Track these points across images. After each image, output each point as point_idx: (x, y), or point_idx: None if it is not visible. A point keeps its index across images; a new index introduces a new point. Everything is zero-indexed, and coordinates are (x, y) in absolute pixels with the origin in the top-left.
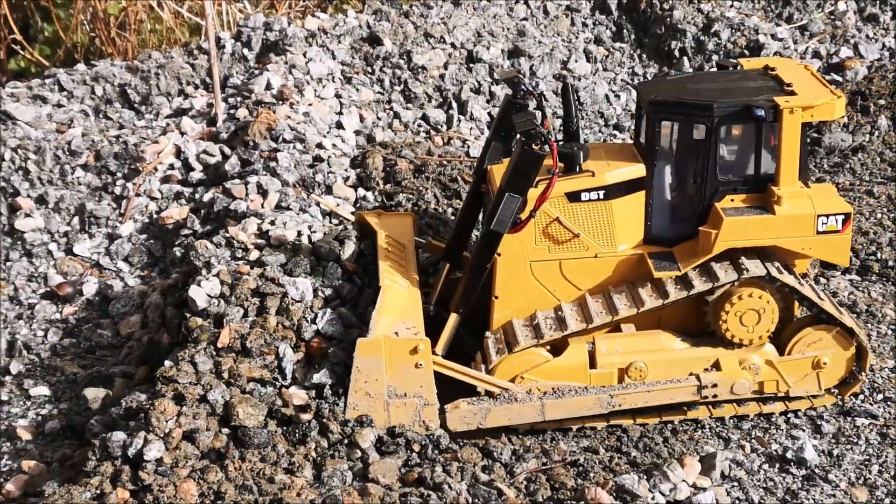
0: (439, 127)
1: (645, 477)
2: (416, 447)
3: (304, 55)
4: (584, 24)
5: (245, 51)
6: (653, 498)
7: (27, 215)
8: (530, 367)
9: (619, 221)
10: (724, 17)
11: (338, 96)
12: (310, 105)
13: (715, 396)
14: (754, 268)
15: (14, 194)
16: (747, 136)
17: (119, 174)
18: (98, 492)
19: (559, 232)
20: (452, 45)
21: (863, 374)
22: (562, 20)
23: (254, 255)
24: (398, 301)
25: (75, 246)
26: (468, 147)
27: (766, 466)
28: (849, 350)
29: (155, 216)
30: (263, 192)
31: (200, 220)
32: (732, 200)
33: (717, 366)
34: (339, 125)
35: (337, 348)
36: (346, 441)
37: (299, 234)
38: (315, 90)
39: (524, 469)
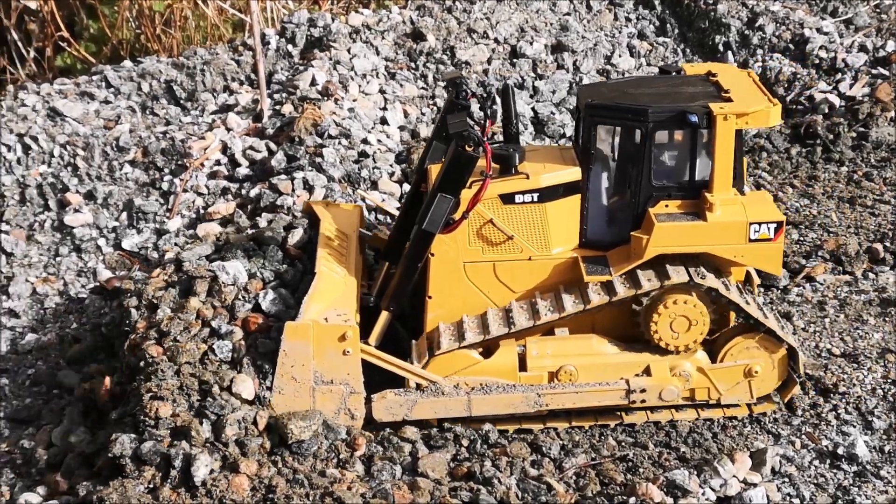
0: (482, 122)
1: (695, 472)
2: (465, 442)
3: (349, 51)
4: (628, 19)
5: (289, 47)
6: (703, 493)
7: (76, 211)
8: (461, 368)
9: (554, 224)
10: (768, 10)
11: (382, 92)
12: (354, 101)
13: (643, 402)
14: (676, 275)
15: (63, 190)
16: (682, 142)
17: (166, 170)
18: (151, 486)
19: (493, 234)
20: (496, 40)
21: (798, 376)
22: (605, 15)
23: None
24: (332, 288)
25: (124, 241)
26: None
27: (816, 462)
28: (778, 353)
29: (202, 211)
30: (309, 188)
31: (248, 216)
32: (667, 206)
33: (647, 371)
34: (384, 121)
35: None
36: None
37: None
38: (359, 86)
39: (573, 464)
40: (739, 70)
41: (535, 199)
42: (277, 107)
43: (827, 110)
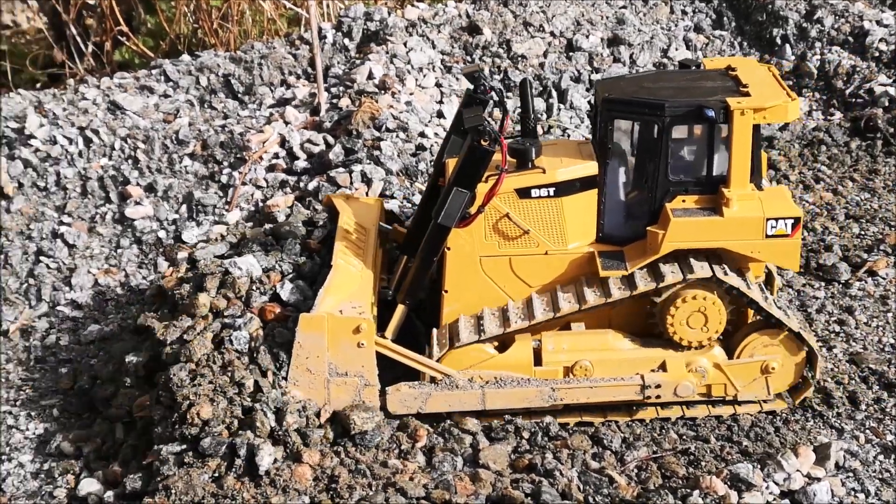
0: (539, 116)
1: (758, 466)
2: (526, 434)
3: (405, 45)
4: (684, 12)
5: (346, 41)
6: (767, 487)
7: (137, 203)
8: (476, 362)
9: (570, 219)
10: (827, 3)
11: (438, 85)
12: (411, 94)
13: (658, 397)
14: (700, 269)
15: (124, 183)
16: (699, 137)
17: (225, 163)
18: (216, 475)
19: (509, 228)
20: (552, 33)
21: (814, 379)
22: (661, 8)
23: None
24: (348, 281)
25: (183, 233)
26: (568, 136)
27: (881, 457)
28: (798, 355)
29: (260, 204)
30: (368, 181)
31: (306, 208)
32: (684, 201)
33: (663, 367)
34: (440, 114)
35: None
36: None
37: None
38: (416, 79)
39: (635, 457)
40: (760, 64)
41: (552, 193)
42: (335, 100)
43: (887, 103)
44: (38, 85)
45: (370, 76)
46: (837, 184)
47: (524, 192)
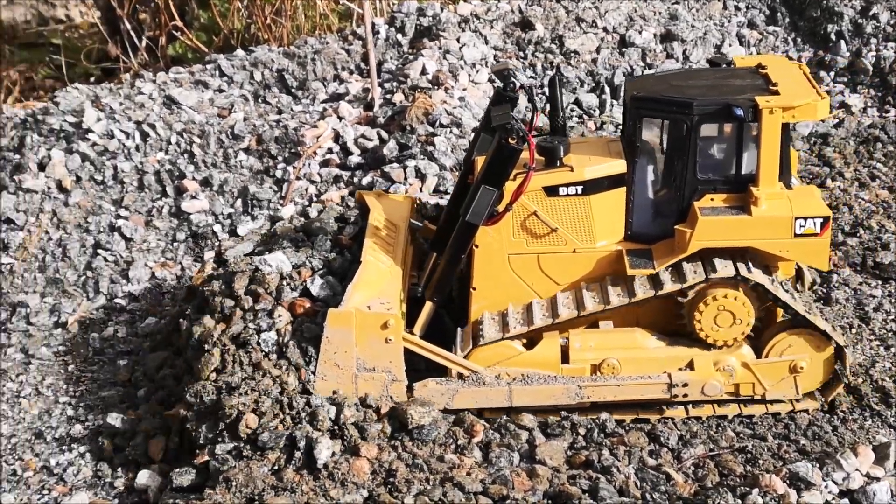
0: (592, 111)
1: (817, 465)
2: (582, 430)
3: (458, 40)
4: (737, 8)
5: (399, 36)
6: (825, 486)
7: (193, 197)
8: (503, 359)
9: (598, 217)
10: None
11: (491, 81)
12: (464, 90)
13: (685, 396)
14: (724, 268)
15: (180, 177)
16: (728, 136)
17: (280, 158)
18: (275, 467)
19: (537, 226)
20: (604, 29)
21: (845, 376)
22: (714, 4)
23: None
24: (377, 278)
25: (239, 227)
26: (620, 132)
27: None
28: (826, 353)
29: (314, 199)
30: (421, 176)
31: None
32: (712, 200)
33: (691, 366)
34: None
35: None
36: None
37: None
38: (469, 75)
39: (692, 454)
40: (791, 62)
41: (580, 191)
42: (388, 96)
43: None
44: (92, 79)
45: (423, 72)
46: (893, 181)
47: (552, 191)
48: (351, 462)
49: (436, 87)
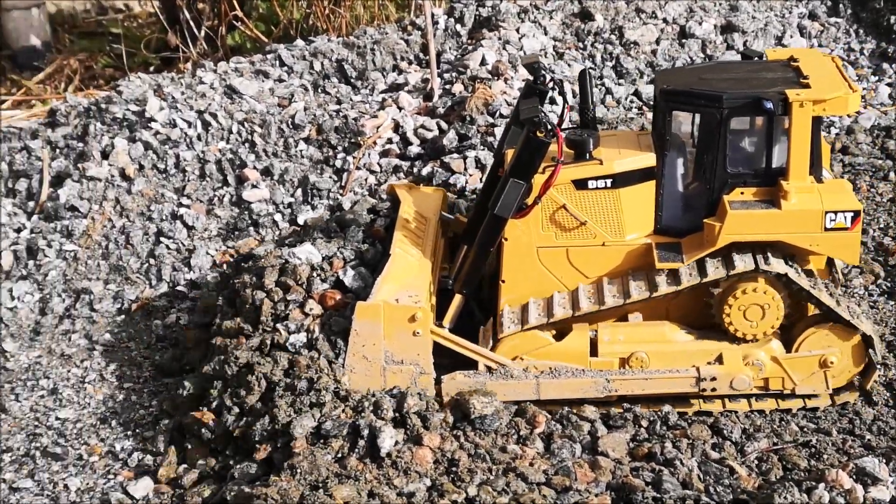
0: (651, 103)
1: (884, 460)
2: (645, 422)
3: (517, 31)
4: None
5: (458, 27)
6: (893, 482)
7: (254, 186)
8: (531, 350)
9: (628, 210)
10: None
11: (551, 72)
12: (523, 80)
13: (713, 390)
14: (743, 263)
15: (241, 166)
16: (758, 129)
17: (339, 147)
18: (339, 455)
19: (566, 219)
20: (664, 20)
21: (877, 362)
22: None
23: None
24: (406, 270)
25: (299, 217)
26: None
27: None
28: (853, 346)
29: (374, 189)
30: (482, 167)
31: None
32: (742, 193)
33: (720, 360)
34: (553, 101)
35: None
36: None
37: None
38: None
39: (755, 448)
40: (823, 56)
41: (609, 184)
42: (447, 86)
43: None
44: (151, 69)
45: (483, 62)
46: None
47: (581, 184)
48: (414, 451)
49: (495, 78)
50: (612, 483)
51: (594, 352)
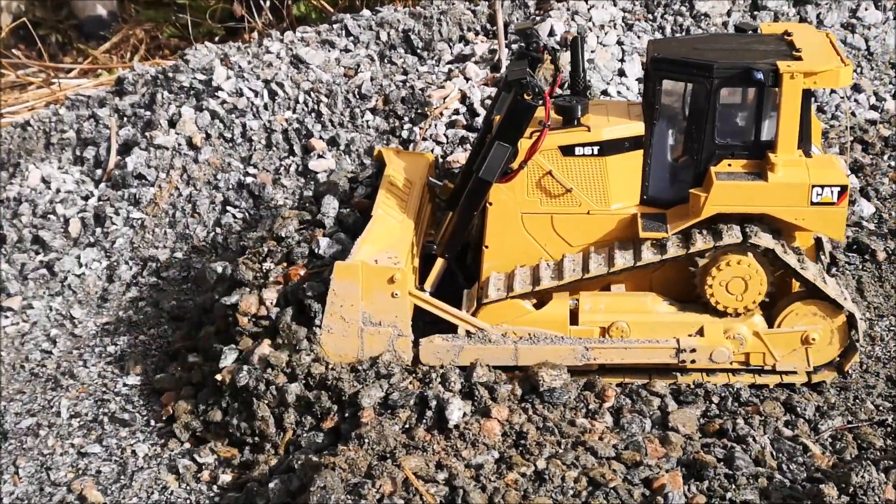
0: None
1: None
2: (716, 398)
3: (586, 1)
4: None
5: None
6: None
7: (320, 156)
8: (512, 318)
9: (614, 179)
10: None
11: (619, 43)
12: (592, 52)
13: (693, 362)
14: (730, 235)
15: (307, 136)
16: (748, 100)
17: (406, 118)
18: (406, 426)
19: (552, 185)
20: None
21: (859, 343)
22: None
23: None
24: (387, 232)
25: None
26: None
27: None
28: (838, 324)
29: (441, 160)
30: None
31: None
32: (730, 165)
33: (701, 332)
34: (622, 72)
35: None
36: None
37: None
38: (597, 37)
39: (829, 426)
40: (817, 31)
41: (596, 152)
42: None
43: None
44: (217, 39)
45: (551, 33)
46: None
47: (568, 150)
48: (482, 423)
49: (564, 49)
50: (682, 459)
51: (574, 320)
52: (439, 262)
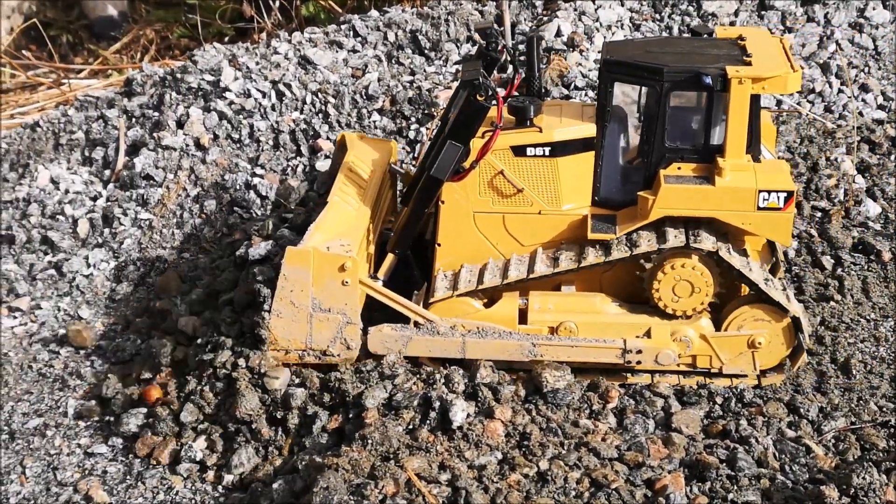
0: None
1: None
2: (719, 399)
3: (593, 2)
4: None
5: None
6: None
7: (327, 157)
8: (461, 315)
9: (565, 180)
10: None
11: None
12: (599, 52)
13: (638, 363)
14: (674, 238)
15: (315, 136)
16: (697, 104)
17: (413, 119)
18: (410, 427)
19: (503, 185)
20: None
21: (805, 346)
22: None
23: None
24: (342, 219)
25: None
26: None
27: None
28: (784, 328)
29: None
30: None
31: None
32: (679, 168)
33: (648, 334)
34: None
35: None
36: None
37: None
38: (604, 37)
39: (832, 427)
40: (771, 36)
41: (547, 153)
42: (522, 57)
43: None
44: (226, 39)
45: (558, 33)
46: None
47: (519, 150)
48: (485, 424)
49: (571, 49)
50: (685, 460)
51: (523, 320)
52: (389, 257)
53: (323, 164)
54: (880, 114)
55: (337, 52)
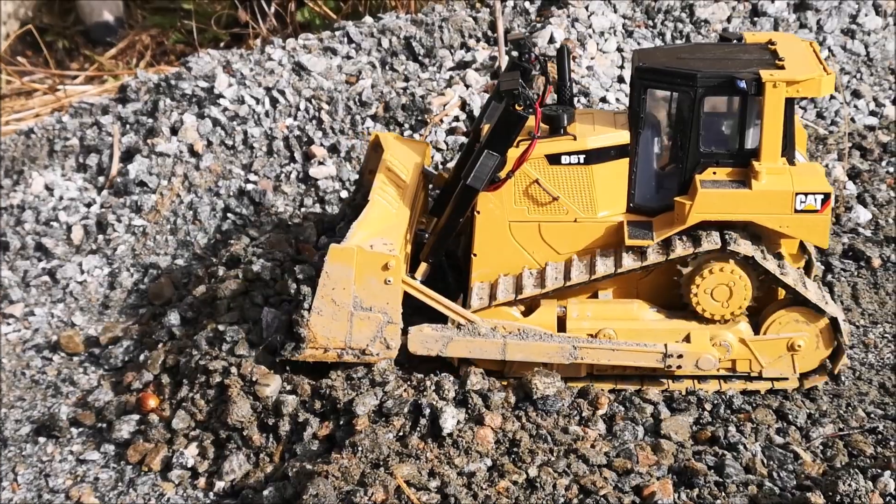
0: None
1: None
2: (708, 406)
3: (586, 9)
4: None
5: (526, 4)
6: None
7: (320, 163)
8: None
9: (600, 187)
10: None
11: (619, 50)
12: (592, 59)
13: (679, 367)
14: (709, 242)
15: (308, 143)
16: (732, 109)
17: (406, 125)
18: (400, 434)
19: (539, 194)
20: None
21: (845, 345)
22: None
23: None
24: (383, 217)
25: None
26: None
27: None
28: (821, 327)
29: (441, 167)
30: None
31: None
32: (714, 173)
33: (687, 339)
34: (621, 79)
35: None
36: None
37: None
38: (597, 44)
39: (820, 434)
40: (801, 40)
41: (582, 160)
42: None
43: None
44: (222, 45)
45: (551, 40)
46: None
47: (554, 159)
48: (475, 431)
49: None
50: (673, 466)
51: (562, 327)
52: (422, 266)
53: (316, 171)
54: (872, 120)
55: (331, 58)
